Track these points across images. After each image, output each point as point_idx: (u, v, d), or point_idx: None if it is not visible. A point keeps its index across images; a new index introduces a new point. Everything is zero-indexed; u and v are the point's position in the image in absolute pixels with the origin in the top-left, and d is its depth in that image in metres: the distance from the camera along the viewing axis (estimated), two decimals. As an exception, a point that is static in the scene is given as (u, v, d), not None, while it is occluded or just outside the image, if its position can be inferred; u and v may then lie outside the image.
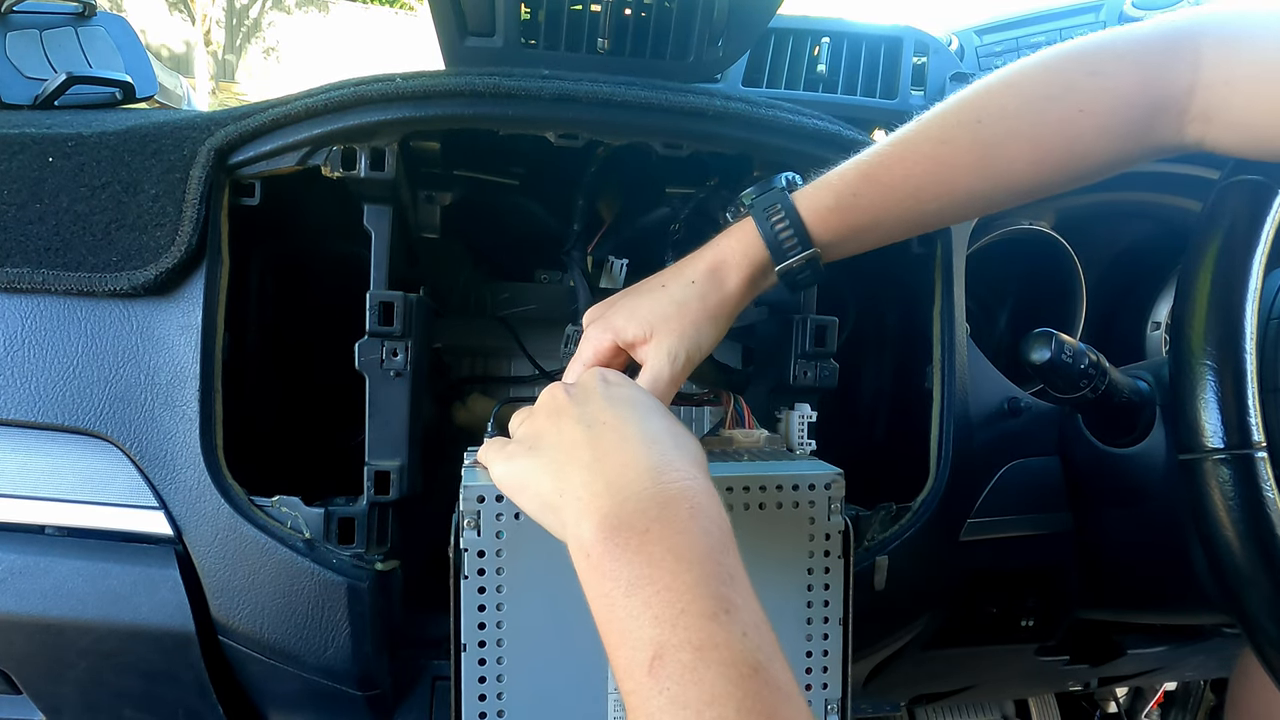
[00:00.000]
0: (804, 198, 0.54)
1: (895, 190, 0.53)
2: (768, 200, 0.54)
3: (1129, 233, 0.93)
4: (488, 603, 0.45)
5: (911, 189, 0.53)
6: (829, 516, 0.49)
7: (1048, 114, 0.51)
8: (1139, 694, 1.27)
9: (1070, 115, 0.51)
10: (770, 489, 0.48)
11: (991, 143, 0.52)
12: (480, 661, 0.45)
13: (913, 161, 0.53)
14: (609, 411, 0.42)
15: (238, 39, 11.42)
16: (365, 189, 0.61)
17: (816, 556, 0.49)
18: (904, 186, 0.53)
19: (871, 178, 0.53)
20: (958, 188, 0.53)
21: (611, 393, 0.44)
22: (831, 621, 0.49)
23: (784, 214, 0.53)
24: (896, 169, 0.53)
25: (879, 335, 0.84)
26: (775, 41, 0.94)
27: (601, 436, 0.40)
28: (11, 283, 0.58)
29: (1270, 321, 0.55)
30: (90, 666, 0.61)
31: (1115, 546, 0.71)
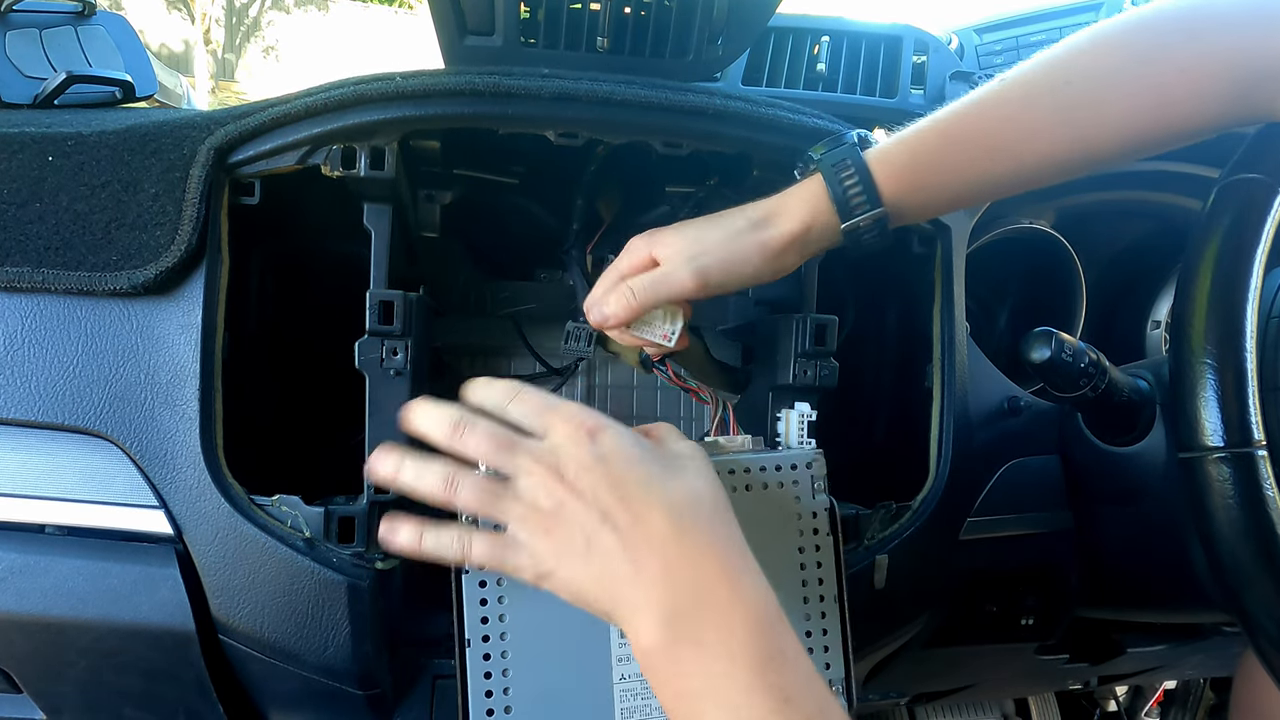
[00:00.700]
0: (877, 155, 0.52)
1: (973, 151, 0.52)
2: (837, 155, 0.52)
3: (1129, 231, 0.93)
4: (489, 596, 0.45)
5: (988, 150, 0.52)
6: (813, 495, 0.49)
7: (1142, 78, 0.50)
8: (1139, 692, 1.27)
9: (1165, 80, 0.49)
10: (754, 471, 0.49)
11: (1078, 106, 0.50)
12: (485, 657, 0.45)
13: (994, 122, 0.51)
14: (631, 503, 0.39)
15: (237, 38, 11.41)
16: (365, 188, 0.61)
17: (806, 536, 0.50)
18: (982, 148, 0.52)
19: (949, 136, 0.52)
20: (1038, 151, 0.52)
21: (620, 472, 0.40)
22: (828, 600, 0.50)
23: (854, 170, 0.51)
24: (975, 128, 0.51)
25: (879, 334, 0.84)
26: (775, 40, 0.94)
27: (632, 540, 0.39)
28: (11, 282, 0.58)
29: (1270, 320, 0.55)
30: (90, 665, 0.61)
31: (1115, 545, 0.71)
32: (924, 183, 0.53)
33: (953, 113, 0.52)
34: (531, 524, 0.41)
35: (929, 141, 0.52)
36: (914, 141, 0.53)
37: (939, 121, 0.52)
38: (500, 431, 0.43)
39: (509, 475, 0.42)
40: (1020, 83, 0.51)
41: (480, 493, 0.42)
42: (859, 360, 0.85)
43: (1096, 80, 0.50)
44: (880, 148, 0.53)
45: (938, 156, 0.52)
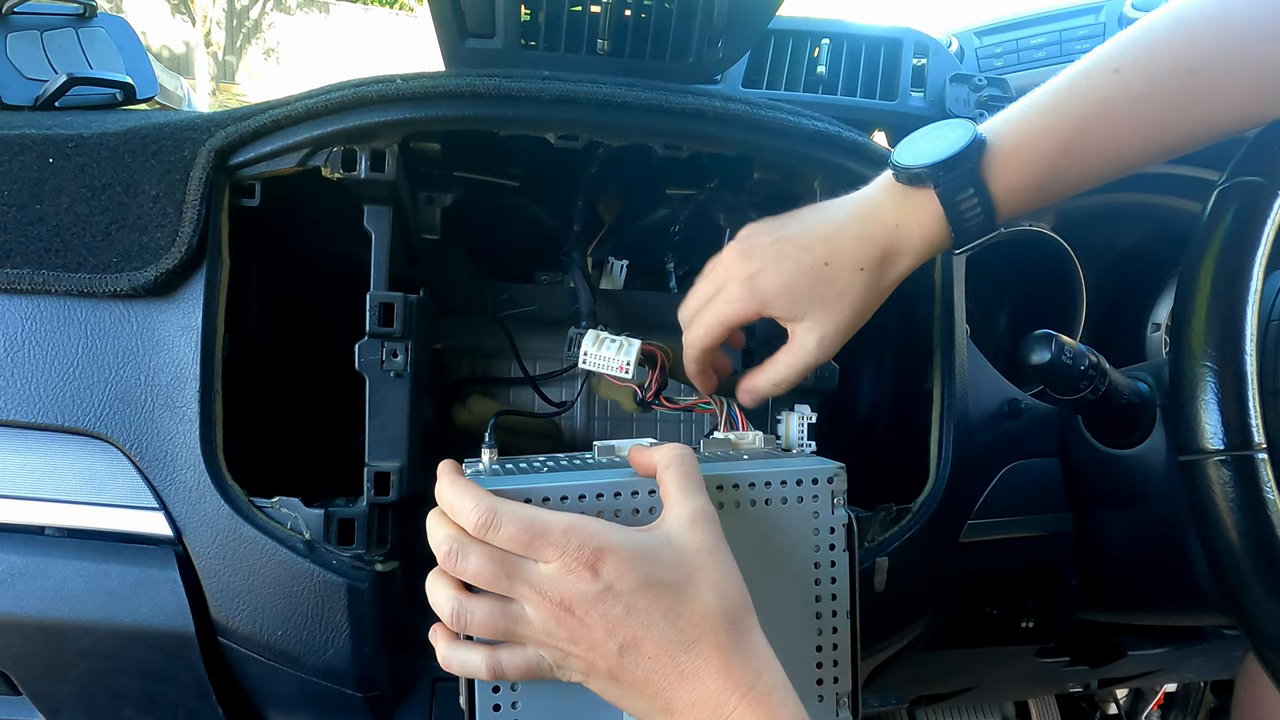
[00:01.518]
0: (998, 176, 0.50)
1: (1095, 158, 0.50)
2: (958, 181, 0.49)
3: (1129, 234, 0.93)
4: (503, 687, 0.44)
5: (1110, 156, 0.50)
6: (832, 510, 0.49)
7: (1265, 54, 0.47)
8: (1139, 695, 1.27)
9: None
10: (775, 484, 0.48)
11: (1203, 93, 0.48)
12: (495, 690, 0.44)
13: (1116, 125, 0.49)
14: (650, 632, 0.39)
15: (238, 40, 11.43)
16: (365, 190, 0.61)
17: (822, 551, 0.49)
18: (1105, 154, 0.50)
19: (1072, 149, 0.49)
20: (1161, 141, 0.50)
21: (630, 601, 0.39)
22: (840, 615, 0.50)
23: (976, 200, 0.49)
24: (1097, 138, 0.49)
25: (879, 336, 0.84)
26: (775, 43, 0.94)
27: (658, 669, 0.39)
28: (12, 283, 0.58)
29: (1270, 323, 0.55)
30: (90, 667, 0.61)
31: (1115, 548, 0.71)
32: (1042, 198, 0.51)
33: (1076, 123, 0.49)
34: (552, 648, 0.40)
35: (1053, 159, 0.49)
36: (1036, 162, 0.50)
37: (1062, 133, 0.49)
38: (495, 557, 0.40)
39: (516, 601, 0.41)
40: (1145, 75, 0.48)
41: (493, 621, 0.41)
42: (859, 362, 0.85)
43: (1217, 65, 0.47)
44: (998, 163, 0.50)
45: (1061, 176, 0.50)
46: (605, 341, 0.55)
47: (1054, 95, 0.50)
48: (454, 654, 0.42)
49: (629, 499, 0.45)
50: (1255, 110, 0.49)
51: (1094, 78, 0.49)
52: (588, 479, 0.45)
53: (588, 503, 0.45)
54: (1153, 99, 0.48)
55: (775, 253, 0.52)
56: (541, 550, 0.39)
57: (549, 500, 0.44)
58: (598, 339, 0.55)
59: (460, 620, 0.40)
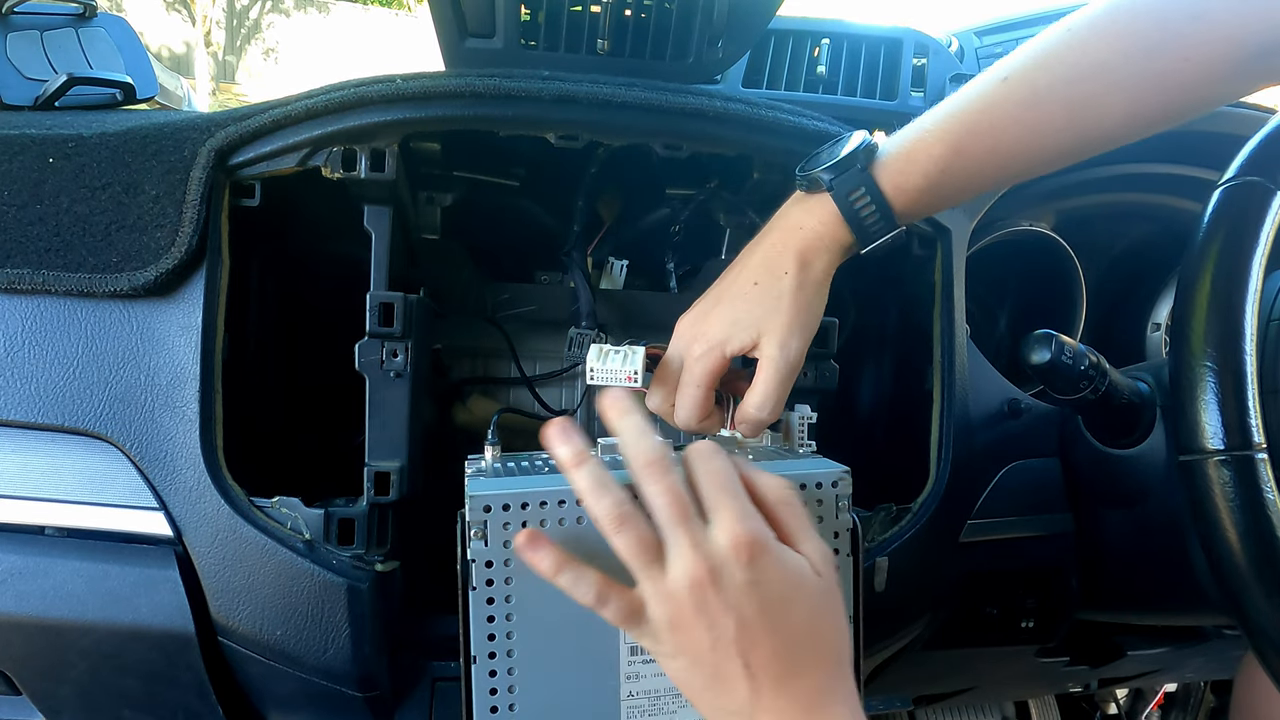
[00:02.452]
0: (888, 177, 0.52)
1: (983, 160, 0.52)
2: (849, 184, 0.52)
3: (1129, 234, 0.93)
4: (497, 614, 0.45)
5: (999, 156, 0.52)
6: (837, 515, 0.49)
7: (1149, 67, 0.49)
8: (1139, 695, 1.27)
9: (1173, 66, 0.49)
10: None
11: (1087, 102, 0.50)
12: (491, 674, 0.44)
13: (1002, 129, 0.51)
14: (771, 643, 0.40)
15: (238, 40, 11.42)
16: (365, 190, 0.61)
17: None
18: (991, 155, 0.51)
19: (960, 151, 0.51)
20: (1047, 150, 0.52)
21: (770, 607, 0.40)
22: None
23: (869, 198, 0.52)
24: (985, 140, 0.51)
25: (879, 336, 0.84)
26: (775, 43, 0.94)
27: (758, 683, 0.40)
28: (12, 283, 0.58)
29: (1270, 323, 0.55)
30: (90, 667, 0.61)
31: (1115, 547, 0.71)
32: (937, 199, 0.53)
33: (963, 125, 0.51)
34: (668, 609, 0.41)
35: (942, 159, 0.51)
36: (925, 162, 0.52)
37: (949, 134, 0.51)
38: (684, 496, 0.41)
39: (663, 541, 0.41)
40: (1028, 83, 0.50)
41: (640, 548, 0.41)
42: (859, 362, 0.85)
43: (1101, 74, 0.49)
44: (888, 165, 0.52)
45: (951, 173, 0.52)
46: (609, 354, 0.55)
47: (948, 103, 0.52)
48: (569, 565, 0.42)
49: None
50: (1140, 119, 0.51)
51: (985, 85, 0.51)
52: None
53: None
54: (1039, 106, 0.50)
55: (712, 300, 0.54)
56: (722, 514, 0.40)
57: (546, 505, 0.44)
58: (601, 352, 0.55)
59: (618, 522, 0.40)
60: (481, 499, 0.44)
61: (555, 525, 0.45)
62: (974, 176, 0.52)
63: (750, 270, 0.54)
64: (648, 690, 0.47)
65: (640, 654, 0.47)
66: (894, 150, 0.53)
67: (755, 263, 0.54)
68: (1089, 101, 0.50)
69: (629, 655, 0.47)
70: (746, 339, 0.52)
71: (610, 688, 0.46)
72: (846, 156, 0.52)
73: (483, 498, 0.44)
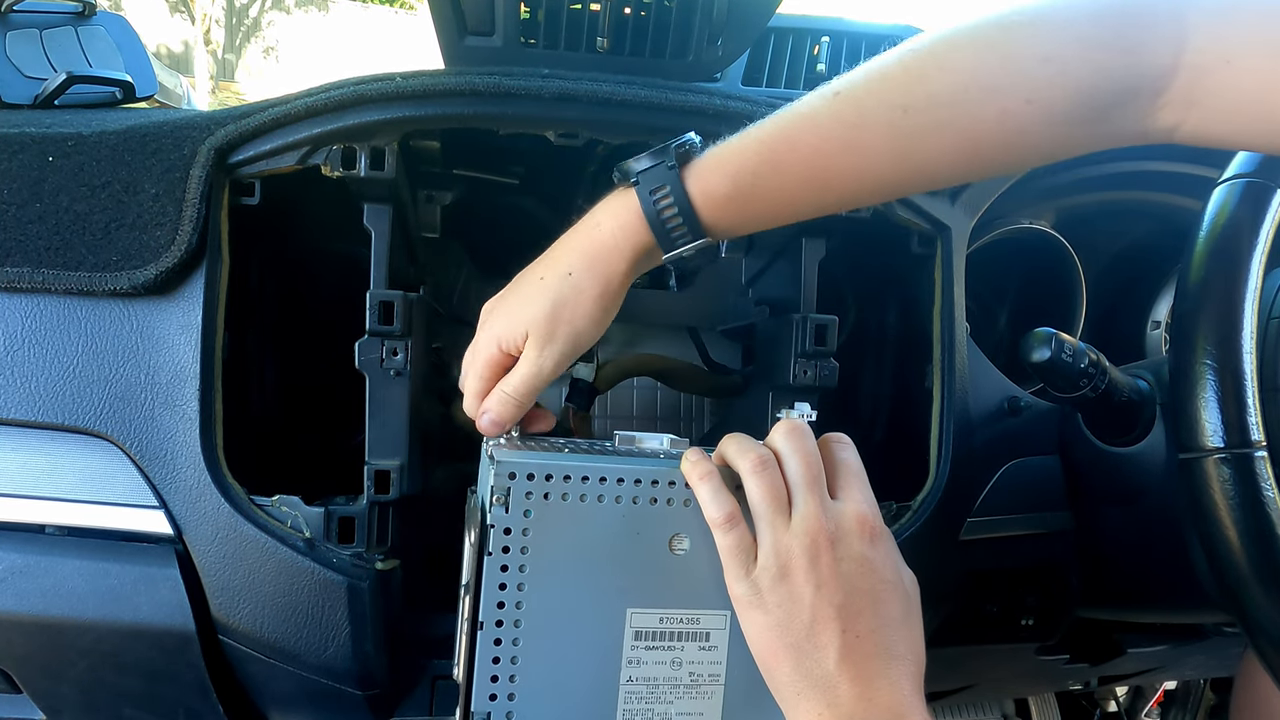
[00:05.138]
0: (697, 178, 0.48)
1: (800, 177, 0.47)
2: (654, 179, 0.48)
3: (1129, 232, 0.93)
4: (509, 582, 0.45)
5: (818, 176, 0.47)
6: None
7: (987, 106, 0.44)
8: (1139, 693, 1.27)
9: (1014, 107, 0.44)
10: None
11: (916, 134, 0.45)
12: (496, 641, 0.45)
13: (821, 145, 0.46)
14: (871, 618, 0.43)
15: (237, 38, 11.42)
16: (365, 188, 0.61)
17: None
18: (810, 173, 0.47)
19: (775, 162, 0.47)
20: (870, 176, 0.47)
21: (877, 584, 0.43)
22: None
23: (672, 199, 0.48)
24: (803, 152, 0.46)
25: (879, 334, 0.84)
26: (775, 41, 0.94)
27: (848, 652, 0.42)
28: (11, 282, 0.58)
29: (1270, 321, 0.55)
30: (90, 666, 0.61)
31: (1115, 545, 0.71)
32: (749, 211, 0.49)
33: (783, 135, 0.47)
34: (782, 557, 0.43)
35: (756, 170, 0.47)
36: (736, 168, 0.48)
37: (766, 144, 0.47)
38: (818, 461, 0.45)
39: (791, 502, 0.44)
40: (856, 104, 0.46)
41: (773, 491, 0.44)
42: (859, 360, 0.85)
43: (934, 108, 0.44)
44: (701, 167, 0.48)
45: (764, 186, 0.48)
46: None
47: (776, 113, 0.48)
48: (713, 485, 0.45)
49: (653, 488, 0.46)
50: (973, 161, 0.46)
51: (814, 100, 0.47)
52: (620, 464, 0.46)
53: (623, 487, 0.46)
54: (863, 129, 0.45)
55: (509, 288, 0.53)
56: (850, 492, 0.45)
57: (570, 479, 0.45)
58: None
59: (761, 466, 0.44)
60: (509, 465, 0.45)
61: (576, 501, 0.45)
62: (789, 193, 0.48)
63: (543, 264, 0.52)
64: (647, 677, 0.47)
65: (644, 639, 0.47)
66: (711, 153, 0.49)
67: (549, 256, 0.52)
68: (919, 133, 0.45)
69: (633, 639, 0.47)
70: (518, 336, 0.50)
71: (611, 670, 0.47)
72: (659, 149, 0.49)
73: (510, 464, 0.45)
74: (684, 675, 0.47)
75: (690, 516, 0.47)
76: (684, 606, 0.47)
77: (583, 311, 0.50)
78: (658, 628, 0.47)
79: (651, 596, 0.47)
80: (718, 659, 0.48)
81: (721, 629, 0.48)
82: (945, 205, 0.69)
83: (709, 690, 0.48)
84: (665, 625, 0.47)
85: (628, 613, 0.47)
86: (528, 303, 0.51)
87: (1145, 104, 0.44)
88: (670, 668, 0.47)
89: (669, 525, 0.47)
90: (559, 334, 0.50)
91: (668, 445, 0.51)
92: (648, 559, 0.46)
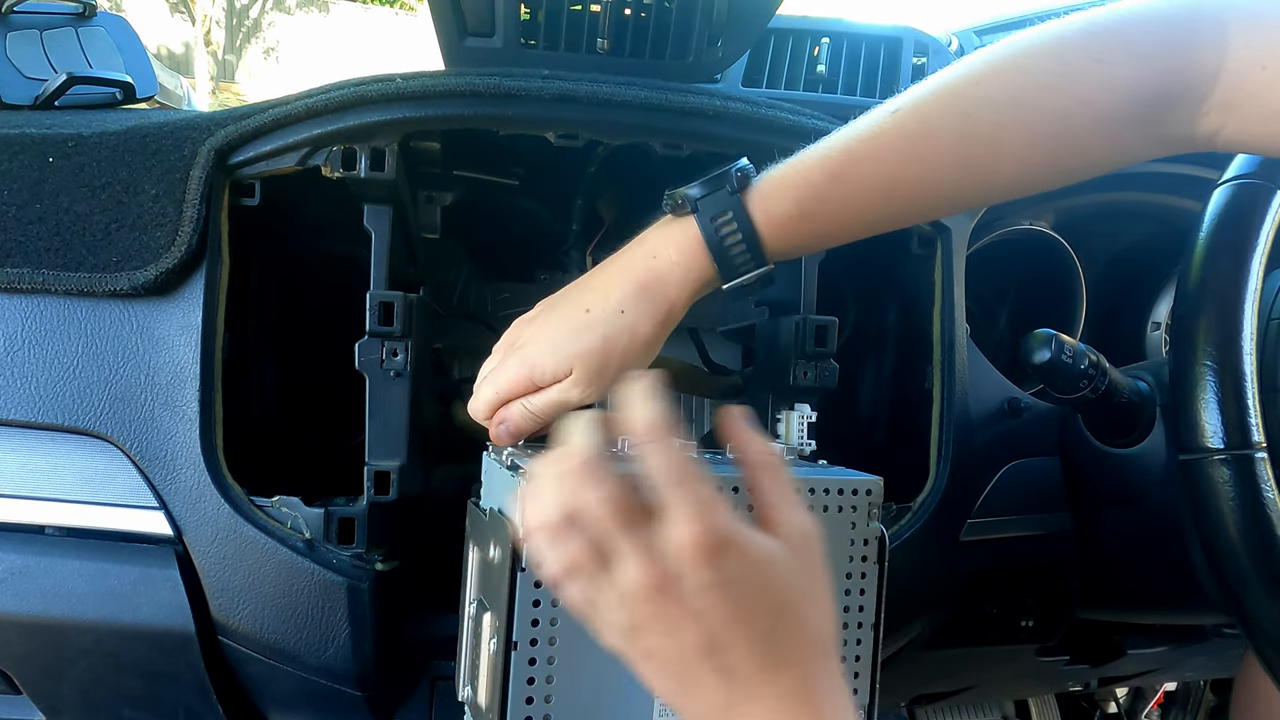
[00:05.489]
0: (760, 202, 0.47)
1: (867, 192, 0.47)
2: (716, 206, 0.47)
3: (1129, 233, 0.93)
4: (543, 599, 0.43)
5: (884, 190, 0.47)
6: (868, 522, 0.48)
7: (1045, 106, 0.45)
8: (1139, 694, 1.27)
9: (1070, 107, 0.45)
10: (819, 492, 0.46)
11: (979, 138, 0.46)
12: (530, 661, 0.42)
13: (888, 159, 0.46)
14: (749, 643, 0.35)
15: (238, 39, 11.42)
16: (365, 189, 0.61)
17: (855, 562, 0.48)
18: (876, 187, 0.47)
19: (840, 178, 0.46)
20: (937, 188, 0.48)
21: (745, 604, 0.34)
22: (865, 627, 0.49)
23: (735, 225, 0.46)
24: (868, 168, 0.46)
25: (879, 335, 0.84)
26: (775, 42, 0.94)
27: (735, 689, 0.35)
28: (11, 283, 0.58)
29: (1270, 322, 0.55)
30: (90, 666, 0.61)
31: (1115, 547, 0.71)
32: (814, 231, 0.48)
33: (845, 151, 0.47)
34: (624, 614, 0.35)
35: (819, 187, 0.47)
36: (801, 187, 0.47)
37: (830, 160, 0.46)
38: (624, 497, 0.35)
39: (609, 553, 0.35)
40: (919, 115, 0.46)
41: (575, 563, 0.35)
42: (859, 361, 0.85)
43: (996, 110, 0.46)
44: (762, 190, 0.47)
45: (830, 205, 0.47)
46: None
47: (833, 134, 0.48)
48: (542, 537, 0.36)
49: None
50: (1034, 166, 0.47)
51: (874, 117, 0.47)
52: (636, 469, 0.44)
53: None
54: (927, 138, 0.46)
55: (546, 314, 0.50)
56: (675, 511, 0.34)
57: None
58: None
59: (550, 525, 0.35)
60: None
61: None
62: (854, 210, 0.47)
63: (590, 292, 0.49)
64: None
65: None
66: (771, 176, 0.48)
67: (597, 285, 0.49)
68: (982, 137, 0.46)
69: None
70: (561, 370, 0.47)
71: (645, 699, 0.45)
72: (716, 176, 0.47)
73: None
74: None
75: None
76: None
77: (636, 349, 0.48)
78: None
79: None
80: None
81: None
82: (945, 206, 0.69)
83: None
84: None
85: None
86: (574, 337, 0.47)
87: (1192, 108, 0.46)
88: None
89: None
90: (607, 375, 0.47)
91: None
92: None
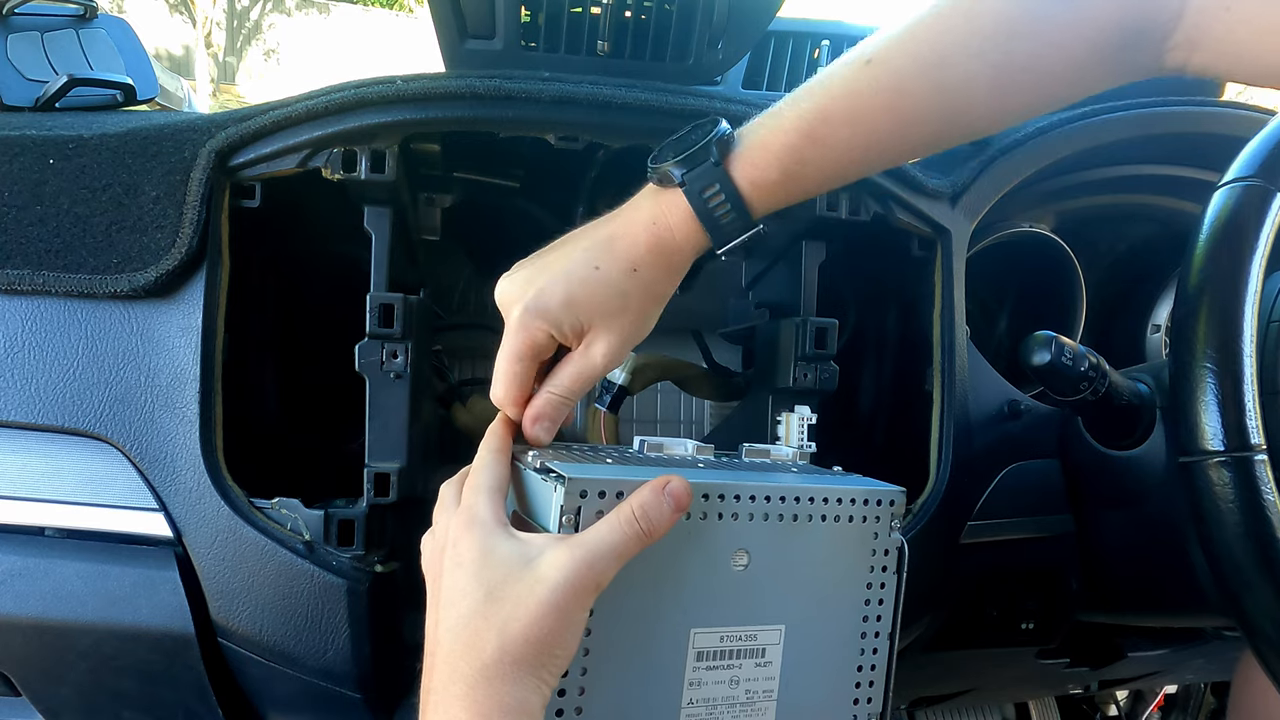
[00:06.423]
0: (744, 170, 0.48)
1: (846, 151, 0.48)
2: (703, 179, 0.48)
3: (1129, 235, 0.93)
4: None
5: (862, 145, 0.48)
6: (889, 533, 0.49)
7: (1015, 51, 0.47)
8: (1139, 697, 1.26)
9: (1040, 50, 0.47)
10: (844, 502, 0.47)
11: (953, 88, 0.47)
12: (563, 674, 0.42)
13: (866, 117, 0.48)
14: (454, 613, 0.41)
15: (238, 41, 11.43)
16: (365, 191, 0.61)
17: (875, 572, 0.49)
18: (855, 144, 0.48)
19: (819, 140, 0.48)
20: (913, 133, 0.49)
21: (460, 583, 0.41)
22: (881, 636, 0.49)
23: (723, 195, 0.48)
24: (845, 129, 0.48)
25: (879, 337, 0.84)
26: (775, 44, 0.94)
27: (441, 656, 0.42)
28: (12, 284, 0.58)
29: (1270, 324, 0.55)
30: (90, 668, 0.61)
31: (1115, 549, 0.71)
32: (796, 190, 0.50)
33: (820, 111, 0.47)
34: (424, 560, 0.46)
35: (798, 150, 0.48)
36: (781, 152, 0.48)
37: (805, 123, 0.48)
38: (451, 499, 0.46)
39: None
40: (890, 70, 0.47)
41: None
42: (859, 364, 0.85)
43: (968, 59, 0.47)
44: (743, 157, 0.48)
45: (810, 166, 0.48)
46: None
47: (805, 88, 0.49)
48: None
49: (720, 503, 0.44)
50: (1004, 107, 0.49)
51: (846, 68, 0.48)
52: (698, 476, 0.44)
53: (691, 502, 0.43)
54: (902, 89, 0.47)
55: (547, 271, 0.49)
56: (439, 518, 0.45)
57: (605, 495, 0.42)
58: None
59: None
60: (579, 483, 0.41)
61: None
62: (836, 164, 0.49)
63: (594, 252, 0.49)
64: (707, 698, 0.45)
65: (706, 659, 0.45)
66: (750, 141, 0.49)
67: (600, 245, 0.49)
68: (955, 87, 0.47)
69: (695, 660, 0.45)
70: (576, 326, 0.48)
71: (674, 694, 0.45)
72: (699, 149, 0.48)
73: (580, 481, 0.41)
74: (740, 694, 0.46)
75: (752, 530, 0.45)
76: (741, 624, 0.45)
77: (650, 305, 0.49)
78: (718, 647, 0.45)
79: (713, 615, 0.45)
80: (772, 674, 0.46)
81: (776, 644, 0.46)
82: (945, 209, 0.69)
83: (763, 707, 0.46)
84: (725, 644, 0.45)
85: (691, 633, 0.44)
86: (591, 292, 0.48)
87: (1157, 44, 0.48)
88: (728, 687, 0.46)
89: (733, 540, 0.44)
90: (627, 330, 0.48)
91: (693, 451, 0.50)
92: (711, 576, 0.44)
